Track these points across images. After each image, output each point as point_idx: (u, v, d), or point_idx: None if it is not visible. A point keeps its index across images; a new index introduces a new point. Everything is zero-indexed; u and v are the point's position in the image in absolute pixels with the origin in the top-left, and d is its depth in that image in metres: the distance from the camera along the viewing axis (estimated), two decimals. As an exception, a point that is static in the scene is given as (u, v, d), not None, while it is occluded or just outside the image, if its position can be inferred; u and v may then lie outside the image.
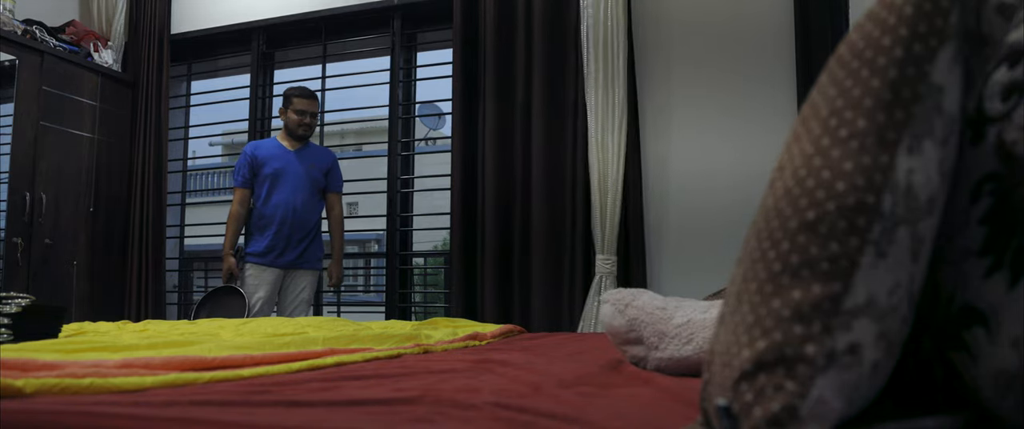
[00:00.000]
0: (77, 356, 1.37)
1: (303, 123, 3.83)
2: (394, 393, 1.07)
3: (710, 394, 0.64)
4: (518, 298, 3.55)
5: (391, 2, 4.18)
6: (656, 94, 3.59)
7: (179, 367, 1.27)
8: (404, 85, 4.23)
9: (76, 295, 4.18)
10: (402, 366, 1.52)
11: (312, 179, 3.85)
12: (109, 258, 4.43)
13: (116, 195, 4.50)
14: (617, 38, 3.42)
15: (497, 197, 3.60)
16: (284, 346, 1.62)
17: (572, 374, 1.41)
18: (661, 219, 3.53)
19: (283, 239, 3.77)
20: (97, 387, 1.09)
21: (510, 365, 1.52)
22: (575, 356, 1.82)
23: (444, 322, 2.67)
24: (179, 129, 4.84)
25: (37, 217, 4.00)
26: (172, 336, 1.96)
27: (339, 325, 2.38)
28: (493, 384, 1.21)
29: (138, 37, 4.67)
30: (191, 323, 2.56)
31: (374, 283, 7.54)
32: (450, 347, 2.05)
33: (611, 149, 3.37)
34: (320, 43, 4.45)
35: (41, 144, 4.03)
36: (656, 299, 1.50)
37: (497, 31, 3.69)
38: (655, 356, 1.45)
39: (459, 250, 3.66)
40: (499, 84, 3.66)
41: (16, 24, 4.00)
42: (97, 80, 4.38)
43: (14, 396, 1.03)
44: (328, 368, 1.47)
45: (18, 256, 3.90)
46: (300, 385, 1.20)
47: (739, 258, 0.67)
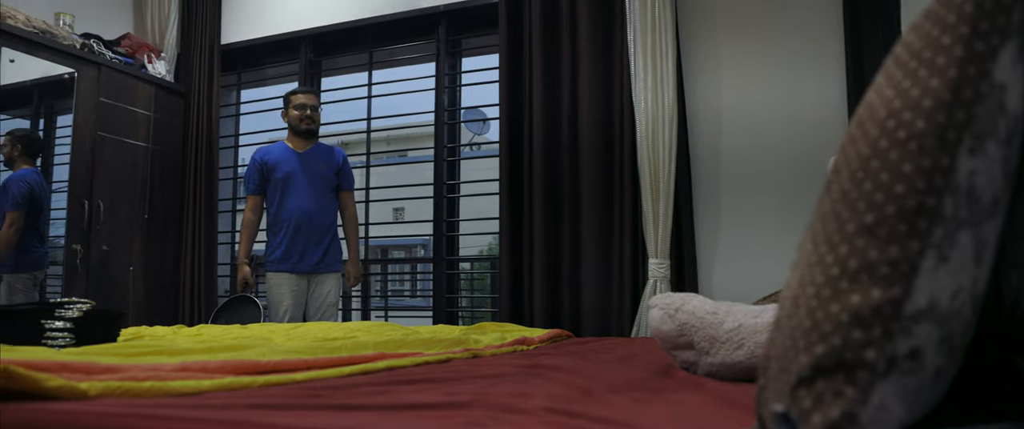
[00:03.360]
0: (136, 360, 1.40)
1: (305, 116, 3.82)
2: (445, 397, 1.08)
3: (766, 399, 0.63)
4: (567, 302, 3.53)
5: (436, 8, 4.21)
6: (706, 93, 3.56)
7: (234, 371, 1.29)
8: (449, 90, 4.26)
9: (132, 300, 4.28)
10: (452, 371, 1.53)
11: (324, 179, 3.83)
12: (163, 263, 4.53)
13: (169, 202, 4.60)
14: (665, 40, 3.40)
15: (545, 201, 3.60)
16: (335, 350, 1.64)
17: (622, 379, 1.41)
18: (714, 221, 3.50)
19: (300, 244, 3.74)
20: (157, 390, 1.12)
21: (560, 370, 1.52)
22: (625, 361, 1.82)
23: (492, 327, 2.68)
24: (229, 137, 4.93)
25: (95, 224, 4.11)
26: (225, 340, 1.99)
27: (388, 330, 2.40)
28: (543, 389, 1.21)
29: (190, 48, 4.78)
30: (243, 327, 2.61)
31: (420, 288, 7.61)
32: (499, 352, 2.06)
33: (661, 152, 3.35)
34: (366, 50, 4.50)
35: (98, 153, 4.14)
36: (706, 304, 1.49)
37: (543, 34, 3.69)
38: (706, 361, 1.44)
39: (507, 254, 3.66)
40: (545, 87, 3.66)
41: (75, 38, 4.12)
42: (151, 91, 4.49)
43: (79, 398, 1.06)
44: (379, 372, 1.48)
45: (77, 262, 4.02)
46: (352, 389, 1.21)
47: (794, 262, 0.66)
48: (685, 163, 3.43)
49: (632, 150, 3.44)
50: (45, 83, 4.09)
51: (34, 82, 4.05)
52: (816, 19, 3.40)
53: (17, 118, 4.17)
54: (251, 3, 4.83)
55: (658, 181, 3.35)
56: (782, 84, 3.43)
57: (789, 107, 3.40)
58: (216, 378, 1.22)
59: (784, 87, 3.43)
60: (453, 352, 1.88)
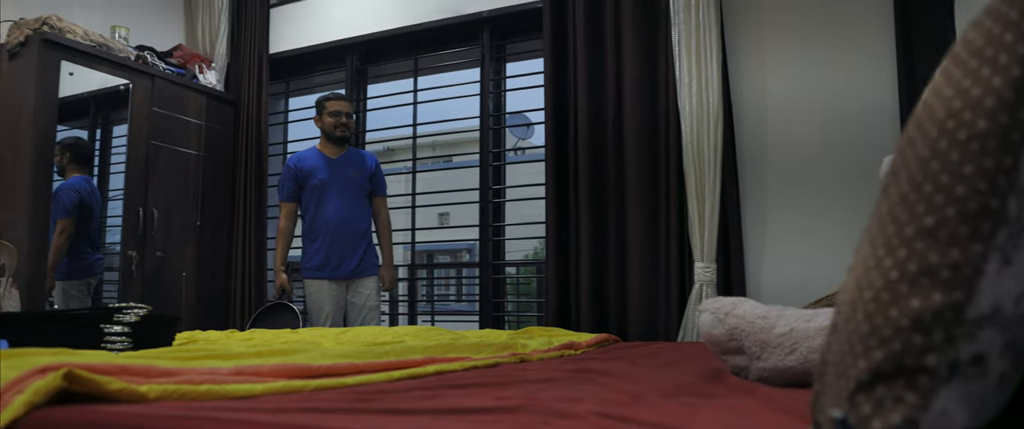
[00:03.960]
0: (193, 364, 1.43)
1: (340, 123, 3.83)
2: (495, 402, 1.08)
3: (823, 405, 0.62)
4: (613, 306, 3.52)
5: (480, 14, 4.23)
6: (752, 93, 3.52)
7: (287, 375, 1.31)
8: (494, 96, 4.27)
9: (184, 304, 4.38)
10: (500, 375, 1.53)
11: (358, 185, 3.84)
12: (214, 269, 4.62)
13: (220, 209, 4.69)
14: (709, 40, 3.37)
15: (591, 204, 3.59)
16: (384, 355, 1.66)
17: (672, 384, 1.40)
18: (761, 223, 3.45)
19: (338, 250, 3.76)
20: (213, 393, 1.14)
21: (608, 374, 1.51)
22: (673, 365, 1.80)
23: (539, 331, 2.68)
24: (278, 144, 5.02)
25: (150, 231, 4.21)
26: (276, 345, 2.03)
27: (436, 334, 2.41)
28: (593, 394, 1.20)
29: (239, 58, 4.87)
30: (293, 332, 2.65)
31: (466, 292, 7.63)
32: (546, 356, 2.06)
33: (707, 154, 3.31)
34: (411, 57, 4.54)
35: (152, 162, 4.24)
36: (757, 308, 1.47)
37: (586, 37, 3.68)
38: (757, 366, 1.42)
39: (553, 258, 3.66)
40: (590, 90, 3.66)
41: (130, 50, 4.23)
42: (202, 100, 4.59)
43: (139, 401, 1.09)
44: (428, 377, 1.50)
45: (133, 268, 4.11)
46: (402, 393, 1.22)
47: (851, 266, 0.65)
48: (731, 164, 3.40)
49: (677, 152, 3.42)
50: (102, 94, 4.20)
51: (91, 94, 4.17)
52: (864, 15, 3.34)
53: (76, 129, 4.29)
54: (298, 13, 4.91)
55: (704, 183, 3.32)
56: (830, 82, 3.38)
57: (838, 106, 3.34)
58: (269, 382, 1.24)
59: (832, 85, 3.37)
60: (501, 357, 1.88)
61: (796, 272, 3.33)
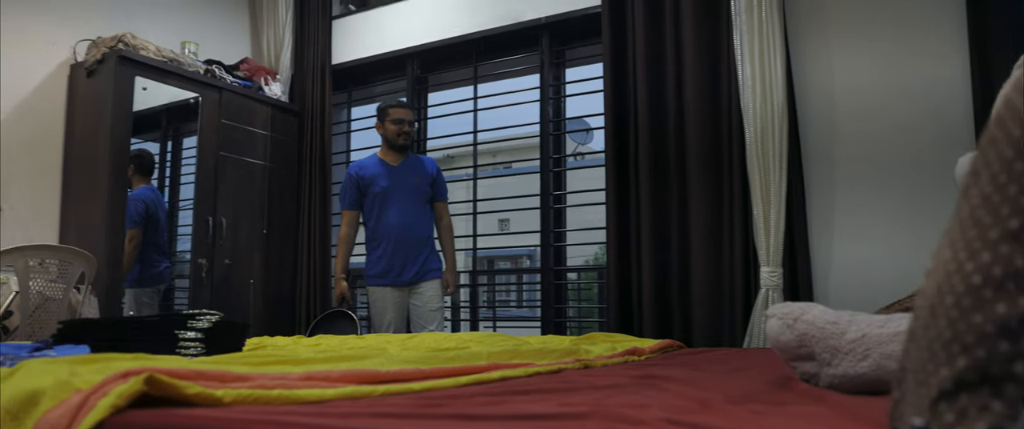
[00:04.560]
0: (264, 369, 1.47)
1: (402, 131, 3.85)
2: (561, 408, 1.08)
3: (902, 413, 0.61)
4: (677, 312, 3.48)
5: (539, 21, 4.24)
6: (817, 94, 3.45)
7: (355, 380, 1.33)
8: (554, 102, 4.27)
9: (252, 311, 4.48)
10: (565, 381, 1.53)
11: (419, 191, 3.85)
12: (281, 276, 4.72)
13: (286, 217, 4.79)
14: (772, 40, 3.31)
15: (652, 209, 3.56)
16: (450, 361, 1.67)
17: (739, 390, 1.38)
18: (828, 226, 3.38)
19: (400, 257, 3.77)
20: (284, 398, 1.17)
21: (674, 380, 1.50)
22: (740, 372, 1.78)
23: (602, 337, 2.67)
24: (341, 153, 5.10)
25: (218, 239, 4.32)
26: (343, 350, 2.06)
27: (500, 340, 2.42)
28: (660, 400, 1.19)
29: (303, 70, 4.98)
30: (359, 338, 2.69)
31: (526, 298, 7.63)
32: (610, 362, 2.05)
33: (771, 156, 3.26)
34: (471, 65, 4.58)
35: (220, 172, 4.36)
36: (827, 313, 1.44)
37: (646, 41, 3.66)
38: (828, 373, 1.39)
39: (614, 264, 3.64)
40: (650, 94, 3.63)
41: (199, 65, 4.36)
42: (268, 111, 4.70)
43: (214, 404, 1.12)
44: (493, 383, 1.50)
45: (203, 275, 4.23)
46: (469, 399, 1.23)
47: (929, 270, 0.63)
48: (797, 166, 3.33)
49: (741, 155, 3.37)
50: (173, 107, 4.34)
51: (163, 107, 4.31)
52: (935, 11, 3.24)
53: (148, 141, 4.44)
54: (360, 24, 4.99)
55: (769, 186, 3.26)
56: (899, 80, 3.28)
57: (907, 104, 3.25)
58: (339, 387, 1.26)
59: (901, 83, 3.28)
60: (564, 363, 1.88)
61: (865, 276, 3.24)
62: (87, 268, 3.19)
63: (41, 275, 3.08)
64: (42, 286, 3.08)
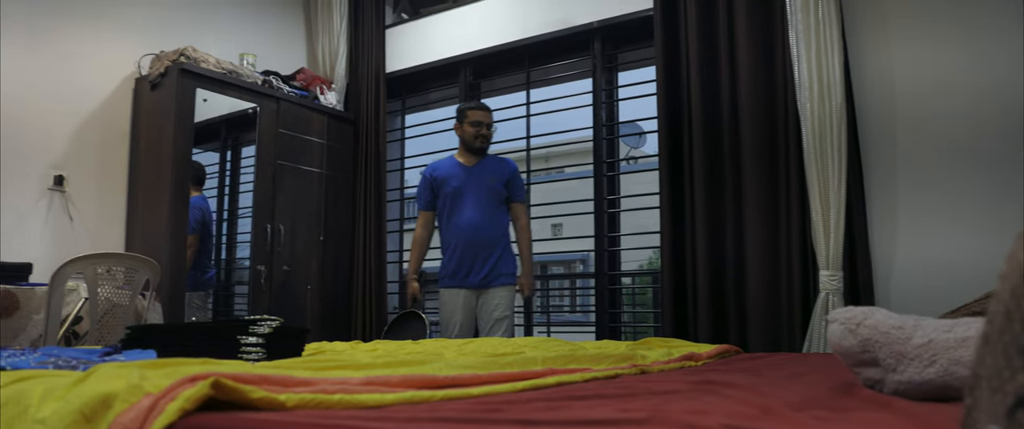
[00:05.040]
0: (325, 374, 1.49)
1: (480, 134, 3.81)
2: (621, 413, 1.07)
3: (976, 420, 0.59)
4: (733, 317, 3.44)
5: (591, 25, 4.23)
6: (877, 91, 3.38)
7: (414, 385, 1.35)
8: (606, 106, 4.26)
9: (309, 316, 4.55)
10: (622, 386, 1.52)
11: (492, 192, 3.78)
12: (337, 282, 4.79)
13: (342, 224, 4.86)
14: (830, 39, 3.25)
15: (707, 212, 3.52)
16: (507, 366, 1.68)
17: (801, 397, 1.35)
18: (890, 228, 3.30)
19: (469, 258, 3.72)
20: (346, 402, 1.18)
21: (734, 386, 1.48)
22: (800, 378, 1.74)
23: (658, 342, 2.64)
24: (396, 160, 5.16)
25: (277, 246, 4.41)
26: (400, 355, 2.08)
27: (555, 345, 2.42)
28: (720, 406, 1.18)
29: (358, 78, 5.05)
30: (416, 343, 2.71)
31: (580, 303, 7.62)
32: (667, 368, 2.03)
33: (830, 157, 3.19)
34: (523, 70, 4.59)
35: (278, 180, 4.45)
36: (891, 317, 1.41)
37: (699, 43, 3.63)
38: (893, 379, 1.36)
39: (669, 268, 3.61)
40: (704, 96, 3.60)
41: (257, 76, 4.46)
42: (324, 120, 4.78)
43: (277, 409, 1.14)
44: (550, 388, 1.50)
45: (261, 281, 4.32)
46: (527, 404, 1.23)
47: (1003, 272, 0.61)
48: (856, 167, 3.27)
49: (798, 156, 3.31)
50: (232, 118, 4.44)
51: (222, 117, 4.41)
52: (1000, 5, 3.14)
53: (208, 151, 4.55)
54: (412, 32, 5.05)
55: (827, 188, 3.20)
56: (963, 78, 3.19)
57: (972, 102, 3.15)
58: (398, 392, 1.27)
59: (965, 81, 3.18)
60: (621, 368, 1.87)
61: (928, 280, 3.16)
62: (151, 275, 3.28)
63: (108, 282, 3.18)
64: (109, 293, 3.17)
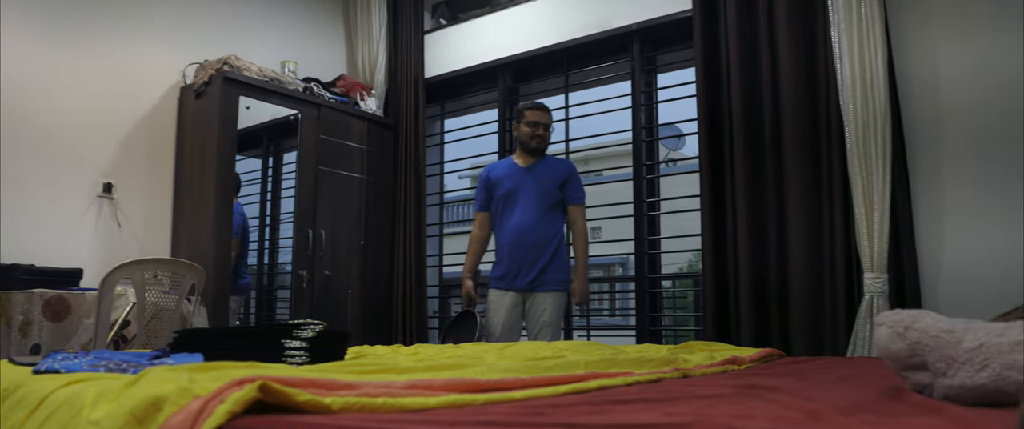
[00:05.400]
0: (368, 377, 1.51)
1: (536, 135, 3.73)
2: (665, 418, 1.07)
3: (1033, 426, 0.58)
4: (775, 320, 3.40)
5: (629, 27, 4.22)
6: (922, 91, 3.31)
7: (457, 389, 1.35)
8: (646, 108, 4.24)
9: (350, 320, 4.60)
10: (665, 390, 1.51)
11: (544, 194, 3.69)
12: (377, 286, 4.83)
13: (382, 229, 4.90)
14: (873, 37, 3.19)
15: (748, 214, 3.49)
16: (548, 370, 1.68)
17: (848, 401, 1.33)
18: (937, 229, 3.22)
19: (516, 261, 3.65)
20: (389, 406, 1.19)
21: (778, 390, 1.46)
22: (846, 382, 1.72)
23: (699, 346, 2.62)
24: (435, 165, 5.19)
25: (318, 251, 4.46)
26: (441, 359, 2.09)
27: (596, 349, 2.41)
28: (765, 410, 1.17)
29: (397, 84, 5.10)
30: (456, 347, 2.72)
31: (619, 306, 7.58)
32: (709, 372, 2.01)
33: (874, 157, 3.14)
34: (562, 74, 4.59)
35: (319, 186, 4.51)
36: (941, 321, 1.38)
37: (740, 45, 3.60)
38: (943, 383, 1.33)
39: (710, 271, 3.58)
40: (745, 97, 3.56)
41: (298, 83, 4.52)
42: (364, 126, 4.83)
43: (323, 412, 1.16)
44: (592, 391, 1.50)
45: (303, 286, 4.37)
46: (570, 408, 1.23)
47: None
48: (901, 168, 3.21)
49: (841, 156, 3.26)
50: (273, 124, 4.51)
51: (264, 124, 4.49)
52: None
53: (251, 157, 4.63)
54: (451, 37, 5.08)
55: (871, 189, 3.15)
56: (1010, 74, 3.10)
57: (1020, 95, 3.07)
58: (441, 395, 1.28)
59: (1013, 77, 3.09)
60: (663, 372, 1.86)
61: (977, 282, 3.08)
62: (197, 279, 3.34)
63: (155, 287, 3.24)
64: (156, 297, 3.24)
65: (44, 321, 3.09)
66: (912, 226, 3.20)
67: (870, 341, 3.04)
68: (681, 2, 3.97)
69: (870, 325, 3.05)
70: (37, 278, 3.27)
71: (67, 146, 3.82)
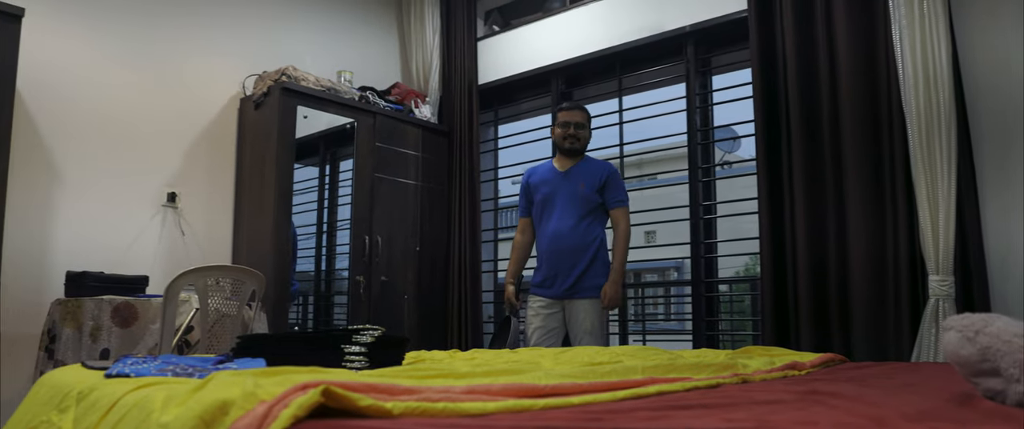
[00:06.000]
0: (428, 382, 1.52)
1: (568, 134, 3.65)
2: (726, 424, 1.06)
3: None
4: (836, 324, 3.32)
5: (683, 29, 4.18)
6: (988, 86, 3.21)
7: (516, 394, 1.36)
8: (701, 110, 4.19)
9: (407, 325, 4.64)
10: (724, 396, 1.50)
11: (581, 199, 3.59)
12: (433, 292, 4.87)
13: (437, 235, 4.94)
14: (937, 35, 3.09)
15: (808, 217, 3.42)
16: (606, 375, 1.67)
17: (915, 408, 1.30)
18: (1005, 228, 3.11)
19: (552, 267, 3.59)
20: (449, 411, 1.20)
21: (841, 396, 1.44)
22: (912, 388, 1.68)
23: (758, 351, 2.59)
24: (489, 171, 5.22)
25: (374, 257, 4.51)
26: (498, 364, 2.10)
27: (653, 354, 2.40)
28: (829, 416, 1.15)
29: (450, 91, 5.14)
30: (512, 352, 2.73)
31: (674, 311, 7.50)
32: (768, 377, 1.98)
33: (938, 156, 3.04)
34: (615, 77, 4.57)
35: (375, 193, 4.56)
36: (1013, 325, 1.34)
37: (797, 44, 3.54)
38: (1017, 390, 1.29)
39: (769, 275, 3.52)
40: (802, 98, 3.50)
41: (354, 92, 4.59)
42: (418, 133, 4.88)
43: (384, 416, 1.17)
44: (651, 397, 1.49)
45: (360, 292, 4.43)
46: (629, 413, 1.23)
47: None
48: (967, 167, 3.11)
49: (904, 156, 3.18)
50: (330, 133, 4.59)
51: (320, 133, 4.57)
52: None
53: (308, 165, 4.70)
54: (504, 44, 5.11)
55: (936, 189, 3.06)
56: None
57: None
58: (500, 400, 1.28)
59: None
60: (722, 377, 1.84)
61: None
62: (257, 286, 3.41)
63: (218, 293, 3.32)
64: (218, 303, 3.31)
65: (113, 327, 3.20)
66: (979, 226, 3.11)
67: (936, 346, 2.96)
68: (736, 2, 3.92)
69: (936, 329, 2.97)
70: (106, 285, 3.38)
71: (134, 158, 3.95)
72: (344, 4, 5.14)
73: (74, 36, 3.80)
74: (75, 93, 3.77)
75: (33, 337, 3.41)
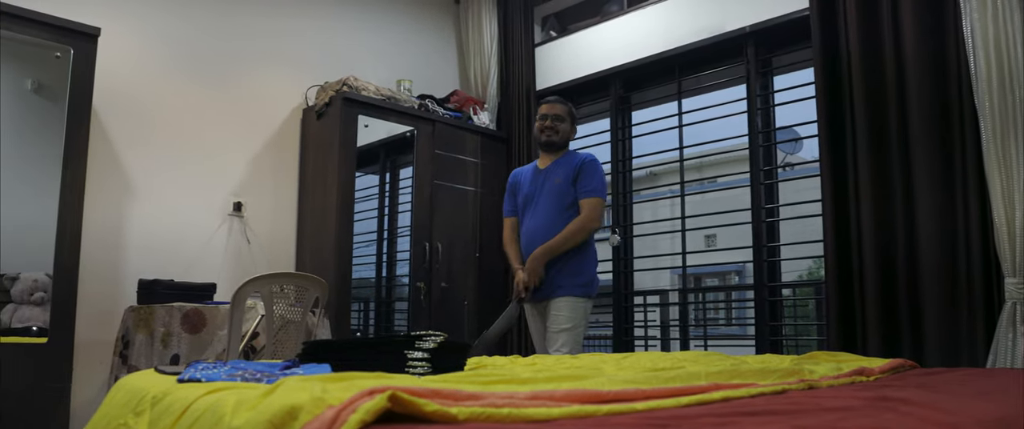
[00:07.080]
0: (491, 388, 1.53)
1: (544, 127, 3.51)
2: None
3: None
4: (906, 329, 3.23)
5: (743, 30, 4.13)
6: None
7: (579, 399, 1.35)
8: (762, 112, 4.13)
9: (467, 331, 4.67)
10: (791, 402, 1.47)
11: (557, 195, 3.42)
12: (492, 297, 4.89)
13: (496, 240, 4.94)
14: (1011, 27, 2.96)
15: (874, 218, 3.34)
16: (669, 380, 1.66)
17: (991, 415, 1.26)
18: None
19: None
20: (514, 416, 1.21)
21: (912, 403, 1.40)
22: (987, 395, 1.62)
23: (824, 356, 2.53)
24: (547, 176, 5.21)
25: (435, 263, 4.55)
26: (559, 370, 2.10)
27: (716, 359, 2.37)
28: (901, 424, 1.12)
29: (508, 97, 5.16)
30: (574, 358, 2.72)
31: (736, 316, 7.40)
32: (836, 383, 1.94)
33: (1013, 152, 2.93)
34: (674, 80, 4.53)
35: (435, 200, 4.61)
36: (1096, 330, 1.29)
37: (861, 42, 3.46)
38: (1101, 397, 1.24)
39: (834, 278, 3.44)
40: (868, 98, 3.42)
41: (413, 100, 4.65)
42: (477, 140, 4.92)
43: (449, 421, 1.18)
44: (716, 403, 1.47)
45: (421, 298, 4.47)
46: (695, 419, 1.22)
47: None
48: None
49: (977, 155, 3.07)
50: (390, 141, 4.65)
51: (380, 141, 4.64)
52: None
53: (368, 173, 4.77)
54: (561, 49, 5.11)
55: (1012, 188, 2.94)
56: None
57: None
58: (564, 406, 1.28)
59: None
60: (788, 383, 1.80)
61: None
62: (320, 292, 3.46)
63: (282, 300, 3.38)
64: (283, 310, 3.38)
65: (182, 333, 3.29)
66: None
67: (1014, 352, 2.85)
68: (797, 1, 3.86)
69: (1012, 334, 2.86)
70: (176, 292, 3.49)
71: (201, 170, 4.07)
72: (403, 14, 5.21)
73: (145, 53, 3.94)
74: (146, 107, 3.91)
75: (107, 343, 3.54)
